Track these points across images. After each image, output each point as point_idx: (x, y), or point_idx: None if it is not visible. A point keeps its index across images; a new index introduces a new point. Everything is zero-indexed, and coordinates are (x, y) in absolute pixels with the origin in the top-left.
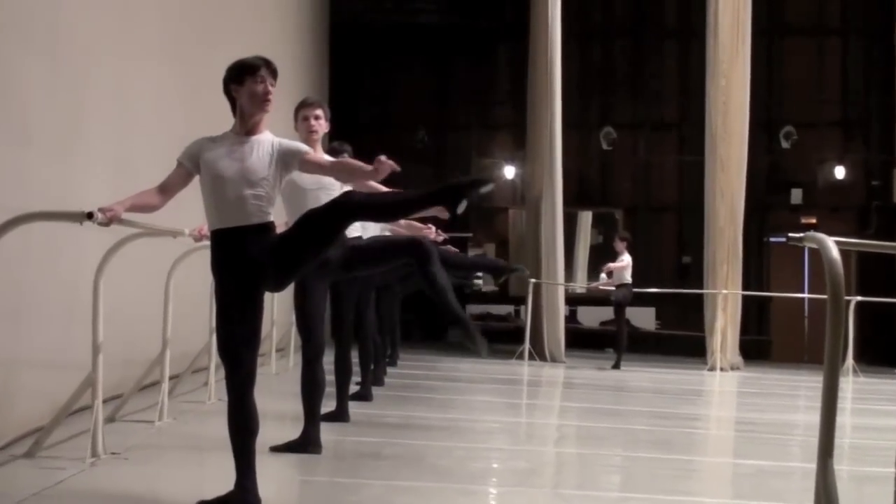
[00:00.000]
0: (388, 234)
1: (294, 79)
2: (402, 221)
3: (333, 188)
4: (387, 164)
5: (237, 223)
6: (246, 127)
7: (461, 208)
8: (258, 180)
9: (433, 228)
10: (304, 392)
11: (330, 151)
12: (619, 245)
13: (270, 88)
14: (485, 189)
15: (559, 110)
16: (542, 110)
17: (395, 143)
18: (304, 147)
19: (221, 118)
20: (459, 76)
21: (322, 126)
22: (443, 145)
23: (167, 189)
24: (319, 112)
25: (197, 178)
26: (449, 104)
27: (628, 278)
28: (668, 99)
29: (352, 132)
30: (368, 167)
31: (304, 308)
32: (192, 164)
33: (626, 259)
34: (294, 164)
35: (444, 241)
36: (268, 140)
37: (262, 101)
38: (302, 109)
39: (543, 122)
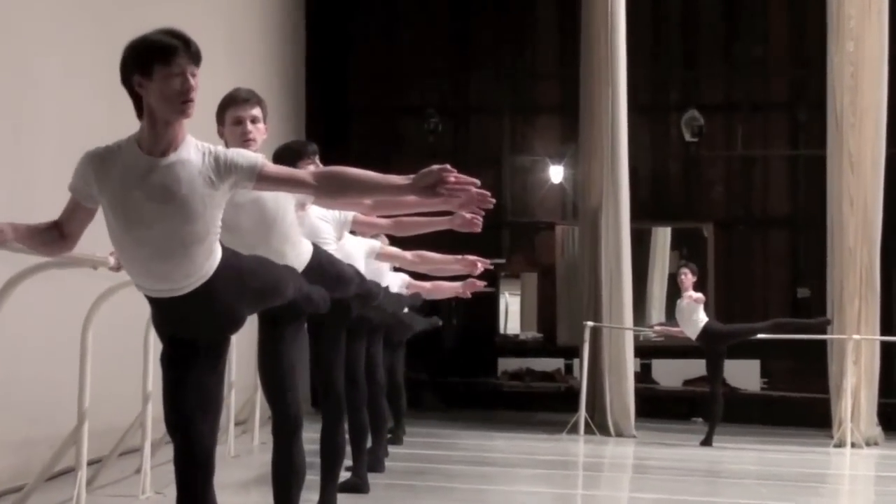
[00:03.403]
0: (405, 292)
1: (257, 51)
2: (428, 284)
3: (289, 232)
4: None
5: (183, 290)
6: (161, 140)
7: None
8: (197, 219)
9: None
10: (277, 481)
11: (281, 157)
12: (688, 279)
13: (192, 82)
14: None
15: (624, 87)
16: (601, 87)
17: (398, 133)
18: (255, 158)
19: None
20: (485, 42)
21: (260, 132)
22: (463, 137)
23: (66, 227)
24: (256, 112)
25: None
26: (471, 80)
27: (704, 318)
28: (776, 70)
29: (338, 119)
30: (396, 178)
31: (276, 364)
32: (87, 198)
33: (694, 294)
34: (244, 183)
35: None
36: (196, 157)
37: (182, 101)
38: (230, 108)
39: (602, 103)
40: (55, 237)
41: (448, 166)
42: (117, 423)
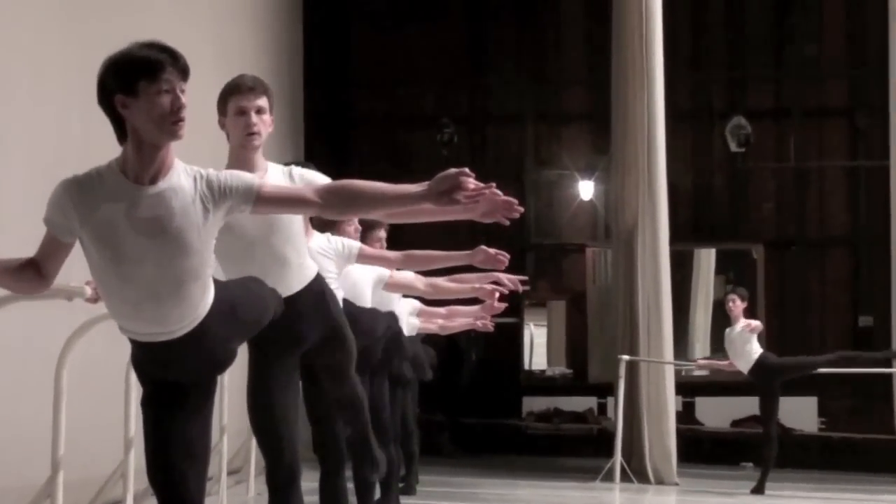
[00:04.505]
0: (415, 321)
1: (248, 56)
2: (443, 310)
3: (294, 233)
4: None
5: (177, 333)
6: (149, 166)
7: None
8: (193, 252)
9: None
10: None
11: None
12: (737, 307)
13: (182, 98)
14: None
15: (661, 92)
16: (635, 92)
17: (407, 146)
18: (252, 178)
19: None
20: (505, 41)
21: (266, 124)
22: (481, 149)
23: (43, 265)
24: (262, 102)
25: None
26: (490, 84)
27: (758, 349)
28: (832, 71)
29: (340, 131)
30: (410, 187)
31: (268, 405)
32: (65, 232)
33: (752, 322)
34: (241, 207)
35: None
36: (187, 183)
37: (174, 122)
38: (233, 97)
39: (637, 110)
40: (31, 275)
41: (466, 170)
42: (95, 473)
